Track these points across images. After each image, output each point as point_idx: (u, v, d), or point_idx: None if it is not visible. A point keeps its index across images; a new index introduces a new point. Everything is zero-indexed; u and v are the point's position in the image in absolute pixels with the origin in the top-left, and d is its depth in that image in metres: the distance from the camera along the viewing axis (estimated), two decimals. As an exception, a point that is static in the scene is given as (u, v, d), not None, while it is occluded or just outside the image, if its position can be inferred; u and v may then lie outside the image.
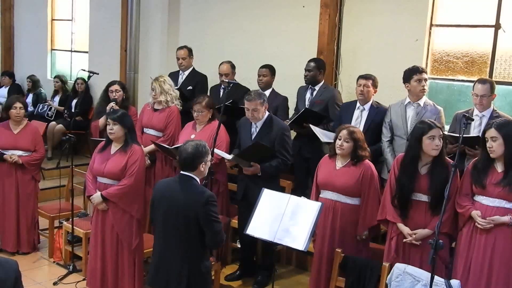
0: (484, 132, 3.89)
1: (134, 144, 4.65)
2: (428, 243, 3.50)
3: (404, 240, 4.08)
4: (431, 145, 3.96)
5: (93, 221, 4.84)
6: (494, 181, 3.80)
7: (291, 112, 6.10)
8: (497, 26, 5.47)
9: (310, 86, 5.86)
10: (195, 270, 3.62)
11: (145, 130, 5.86)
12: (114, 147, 4.68)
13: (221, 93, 6.26)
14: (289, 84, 6.28)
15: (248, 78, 6.41)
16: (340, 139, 4.34)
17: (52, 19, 10.29)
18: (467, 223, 3.94)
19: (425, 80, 5.01)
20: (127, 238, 4.64)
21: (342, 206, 4.37)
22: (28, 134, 5.77)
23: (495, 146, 3.77)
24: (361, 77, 5.34)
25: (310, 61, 5.88)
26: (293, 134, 5.67)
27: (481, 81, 4.73)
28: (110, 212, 4.63)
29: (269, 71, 6.08)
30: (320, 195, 4.50)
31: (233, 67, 6.37)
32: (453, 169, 3.63)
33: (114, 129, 4.58)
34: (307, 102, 5.83)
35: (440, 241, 3.38)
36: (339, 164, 4.42)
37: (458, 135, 4.28)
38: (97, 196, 4.64)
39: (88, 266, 4.88)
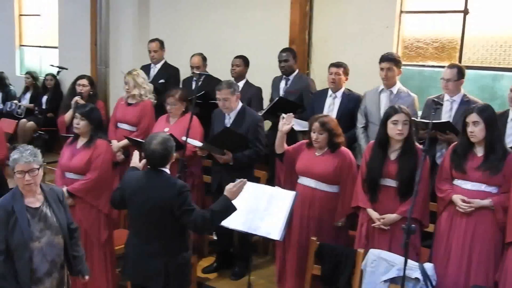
0: (465, 116, 3.88)
1: (99, 138, 4.59)
2: (401, 228, 3.51)
3: (373, 224, 4.09)
4: (394, 130, 3.97)
5: None
6: (474, 165, 3.82)
7: (265, 103, 6.07)
8: (465, 11, 5.52)
9: (284, 76, 5.84)
10: (174, 262, 3.58)
11: (119, 125, 5.76)
12: (81, 142, 4.62)
13: (194, 86, 6.22)
14: (261, 74, 6.24)
15: (220, 69, 6.36)
16: (314, 132, 4.33)
17: (20, 15, 10.12)
18: (448, 207, 3.96)
19: (388, 68, 4.98)
20: (96, 233, 4.58)
21: (321, 194, 4.36)
22: None
23: (477, 131, 3.77)
24: (332, 65, 5.35)
25: (283, 51, 5.82)
26: (268, 124, 5.66)
27: (450, 66, 4.79)
28: (77, 207, 4.55)
29: (242, 61, 6.05)
30: (298, 181, 4.48)
31: (204, 59, 6.32)
32: (423, 155, 3.64)
33: (81, 124, 4.53)
34: (281, 92, 5.81)
35: (413, 225, 3.40)
36: (317, 152, 4.41)
37: (428, 121, 4.31)
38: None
39: None
